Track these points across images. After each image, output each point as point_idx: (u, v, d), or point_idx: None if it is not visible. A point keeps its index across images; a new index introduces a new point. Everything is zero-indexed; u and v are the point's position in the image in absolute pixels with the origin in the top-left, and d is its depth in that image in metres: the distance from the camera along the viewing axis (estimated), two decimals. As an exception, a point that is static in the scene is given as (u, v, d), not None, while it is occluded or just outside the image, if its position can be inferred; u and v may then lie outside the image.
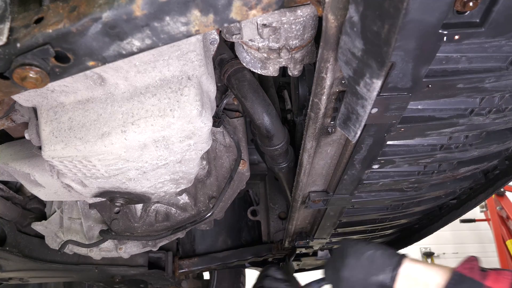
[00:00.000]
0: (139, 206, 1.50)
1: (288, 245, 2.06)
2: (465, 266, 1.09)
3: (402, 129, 0.91)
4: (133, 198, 1.21)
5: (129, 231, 1.51)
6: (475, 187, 1.61)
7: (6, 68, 0.60)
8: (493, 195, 5.02)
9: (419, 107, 0.89)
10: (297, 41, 0.94)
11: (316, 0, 0.65)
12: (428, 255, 7.32)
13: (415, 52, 0.60)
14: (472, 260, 1.13)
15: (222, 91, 1.45)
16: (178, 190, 1.28)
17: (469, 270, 1.07)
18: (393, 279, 1.11)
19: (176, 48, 0.83)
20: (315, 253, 2.20)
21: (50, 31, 0.58)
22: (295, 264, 2.45)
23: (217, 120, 1.43)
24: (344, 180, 1.20)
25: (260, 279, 1.62)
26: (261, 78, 1.43)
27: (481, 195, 1.61)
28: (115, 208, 1.46)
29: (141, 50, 0.63)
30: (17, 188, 1.70)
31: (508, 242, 5.23)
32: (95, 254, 1.66)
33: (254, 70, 1.05)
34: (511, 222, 5.24)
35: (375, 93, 0.65)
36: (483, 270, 1.09)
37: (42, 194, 1.22)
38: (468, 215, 2.19)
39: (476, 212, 6.31)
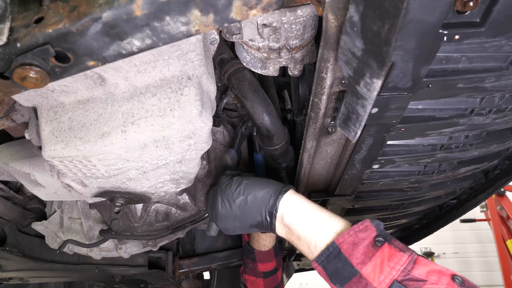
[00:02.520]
0: (139, 206, 1.50)
1: (288, 245, 2.06)
2: (350, 240, 0.83)
3: (402, 129, 0.91)
4: (133, 198, 1.21)
5: (129, 231, 1.51)
6: (475, 187, 1.61)
7: (6, 68, 0.60)
8: (493, 195, 5.02)
9: (419, 107, 0.89)
10: (297, 41, 0.94)
11: (316, 0, 0.65)
12: (428, 255, 7.32)
13: (415, 52, 0.60)
14: (366, 229, 0.84)
15: (222, 91, 1.45)
16: (179, 190, 1.28)
17: (351, 246, 0.81)
18: (271, 224, 1.05)
19: (176, 48, 0.82)
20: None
21: (50, 31, 0.58)
22: (295, 264, 2.45)
23: (217, 120, 1.43)
24: (344, 180, 1.20)
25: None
26: (261, 78, 1.43)
27: (481, 195, 1.61)
28: (115, 208, 1.46)
29: (141, 50, 0.62)
30: (17, 188, 1.69)
31: (508, 242, 5.23)
32: (95, 254, 1.65)
33: (254, 70, 1.05)
34: (511, 222, 5.24)
35: (375, 93, 0.65)
36: (378, 243, 0.80)
37: (42, 194, 1.22)
38: (468, 215, 2.19)
39: (476, 212, 6.31)
